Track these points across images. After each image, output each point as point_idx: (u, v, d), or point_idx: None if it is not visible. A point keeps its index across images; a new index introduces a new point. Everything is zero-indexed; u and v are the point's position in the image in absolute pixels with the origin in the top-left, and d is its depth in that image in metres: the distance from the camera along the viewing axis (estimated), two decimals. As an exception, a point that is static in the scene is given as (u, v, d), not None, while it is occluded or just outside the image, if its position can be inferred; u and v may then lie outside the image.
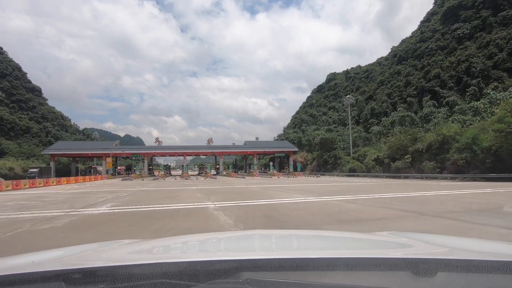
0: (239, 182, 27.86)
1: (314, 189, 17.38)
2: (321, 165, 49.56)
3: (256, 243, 1.56)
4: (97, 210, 8.96)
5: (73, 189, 21.29)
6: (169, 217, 7.44)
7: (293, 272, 0.85)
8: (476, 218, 6.42)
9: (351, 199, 10.96)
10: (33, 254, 1.29)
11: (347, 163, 43.16)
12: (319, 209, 8.46)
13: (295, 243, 1.57)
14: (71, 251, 1.41)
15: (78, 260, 1.21)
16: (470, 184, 20.12)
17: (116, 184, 27.17)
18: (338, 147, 49.49)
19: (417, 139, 31.19)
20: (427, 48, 74.18)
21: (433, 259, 0.94)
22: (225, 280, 0.80)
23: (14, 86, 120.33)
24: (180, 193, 15.21)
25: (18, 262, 1.18)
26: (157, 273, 0.82)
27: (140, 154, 52.79)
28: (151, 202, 10.99)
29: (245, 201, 10.75)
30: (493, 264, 0.82)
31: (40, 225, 6.54)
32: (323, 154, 48.60)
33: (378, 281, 0.82)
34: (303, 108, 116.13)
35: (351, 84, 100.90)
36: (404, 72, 77.43)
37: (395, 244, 1.43)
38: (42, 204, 11.04)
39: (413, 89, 69.46)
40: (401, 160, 31.38)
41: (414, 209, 8.01)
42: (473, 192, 13.63)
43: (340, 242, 1.53)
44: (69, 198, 13.71)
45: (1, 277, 0.81)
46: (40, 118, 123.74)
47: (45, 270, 0.87)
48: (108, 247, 1.50)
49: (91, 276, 0.81)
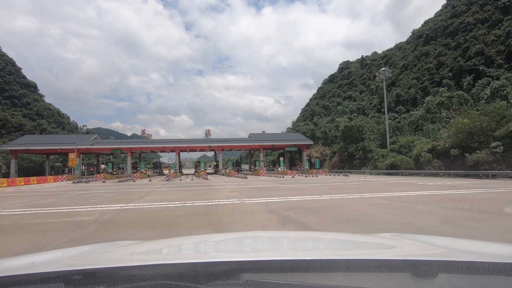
0: (231, 185, 17.50)
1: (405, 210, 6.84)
2: (345, 160, 38.71)
3: (256, 244, 1.52)
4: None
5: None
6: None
7: (293, 273, 0.83)
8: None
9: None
10: (33, 255, 1.29)
11: (381, 158, 32.25)
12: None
13: (296, 244, 1.53)
14: (71, 252, 1.39)
15: (78, 261, 1.19)
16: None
17: (62, 194, 16.95)
18: (367, 138, 38.49)
19: (505, 117, 20.19)
20: (462, 23, 62.31)
21: (434, 260, 0.91)
22: (225, 282, 0.79)
23: (7, 81, 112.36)
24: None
25: (17, 263, 1.15)
26: (157, 275, 0.80)
27: (121, 150, 42.85)
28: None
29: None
30: (494, 266, 0.80)
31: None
32: (348, 147, 37.76)
33: (379, 282, 0.80)
34: (313, 100, 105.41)
35: (367, 72, 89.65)
36: (433, 53, 65.79)
37: (395, 246, 1.38)
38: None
39: (447, 70, 57.93)
40: (481, 150, 20.39)
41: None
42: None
43: (340, 244, 1.49)
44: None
45: (0, 278, 0.80)
46: (35, 115, 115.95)
47: (44, 271, 0.86)
48: (108, 248, 1.48)
49: (91, 278, 0.80)
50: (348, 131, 37.78)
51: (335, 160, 41.59)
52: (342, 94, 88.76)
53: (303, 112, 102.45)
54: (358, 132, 37.49)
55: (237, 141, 47.83)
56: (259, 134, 53.49)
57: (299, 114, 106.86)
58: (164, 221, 6.24)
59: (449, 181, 17.84)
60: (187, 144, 44.78)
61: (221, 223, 5.92)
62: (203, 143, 46.05)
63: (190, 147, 45.43)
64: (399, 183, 17.43)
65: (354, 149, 36.55)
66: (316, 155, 47.91)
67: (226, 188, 15.53)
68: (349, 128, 37.67)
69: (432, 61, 63.85)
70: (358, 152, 36.06)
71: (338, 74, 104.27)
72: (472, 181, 16.81)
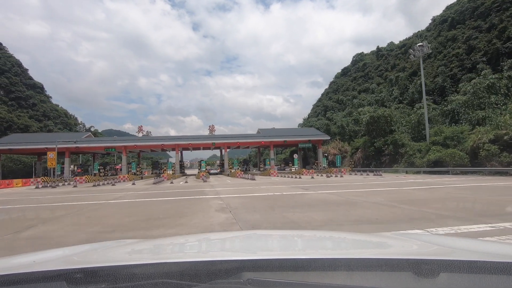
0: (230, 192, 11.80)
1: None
2: (371, 157, 32.64)
3: (257, 243, 1.49)
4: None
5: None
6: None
7: (294, 272, 0.82)
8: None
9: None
10: (35, 254, 1.25)
11: (418, 153, 26.19)
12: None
13: (297, 243, 1.49)
14: (73, 250, 1.38)
15: (80, 260, 1.17)
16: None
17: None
18: (397, 130, 32.30)
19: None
20: (495, 2, 55.02)
21: (435, 259, 0.89)
22: (227, 281, 0.78)
23: (13, 82, 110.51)
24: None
25: (19, 261, 1.14)
26: (158, 273, 0.80)
27: (116, 148, 37.97)
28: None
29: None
30: (496, 265, 0.79)
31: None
32: (374, 141, 31.71)
33: (380, 281, 0.79)
34: (325, 95, 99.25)
35: (384, 63, 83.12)
36: (462, 37, 58.68)
37: (397, 245, 1.35)
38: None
39: (481, 55, 50.91)
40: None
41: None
42: None
43: (342, 243, 1.46)
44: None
45: (3, 277, 0.79)
46: (41, 116, 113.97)
47: (46, 270, 0.85)
48: (109, 247, 1.46)
49: (92, 276, 0.79)
50: (374, 122, 31.67)
51: (357, 157, 35.52)
52: (357, 87, 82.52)
53: (315, 108, 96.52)
54: (387, 123, 31.35)
55: (244, 137, 42.28)
56: (269, 130, 47.83)
57: (310, 111, 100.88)
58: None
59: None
60: (189, 141, 39.50)
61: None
62: (207, 140, 40.73)
63: (192, 144, 40.17)
64: (485, 187, 11.58)
65: (383, 143, 30.43)
66: (334, 151, 41.92)
67: (219, 199, 10.00)
68: (376, 119, 31.55)
69: (461, 46, 56.82)
70: (388, 147, 29.95)
71: (351, 67, 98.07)
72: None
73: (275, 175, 29.56)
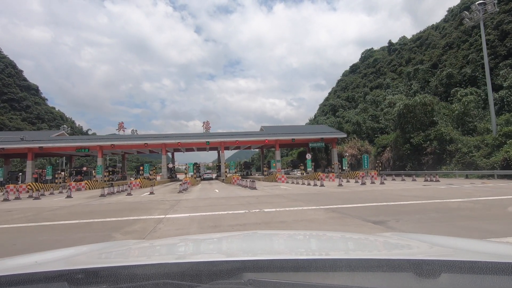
0: (204, 219, 4.77)
1: None
2: (405, 156, 25.28)
3: (258, 243, 1.47)
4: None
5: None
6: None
7: (295, 273, 0.82)
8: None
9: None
10: (36, 254, 1.24)
11: (474, 150, 18.94)
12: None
13: (298, 244, 1.48)
14: (74, 251, 1.37)
15: (81, 260, 1.18)
16: None
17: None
18: (439, 122, 24.93)
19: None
20: (528, -18, 47.73)
21: (437, 260, 0.87)
22: (228, 281, 0.78)
23: (6, 84, 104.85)
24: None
25: (21, 262, 1.13)
26: (159, 274, 0.80)
27: (89, 148, 31.16)
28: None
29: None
30: (497, 266, 0.78)
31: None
32: (410, 137, 24.45)
33: (381, 282, 0.78)
34: (333, 93, 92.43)
35: (398, 57, 76.14)
36: (491, 22, 51.42)
37: (398, 245, 1.34)
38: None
39: (519, 39, 43.55)
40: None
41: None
42: None
43: (343, 243, 1.45)
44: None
45: (4, 277, 0.79)
46: (35, 119, 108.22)
47: (48, 270, 0.84)
48: (110, 247, 1.46)
49: (93, 276, 0.79)
50: (409, 112, 24.41)
51: (385, 158, 28.19)
52: (368, 83, 75.58)
53: (322, 107, 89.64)
54: (426, 113, 24.06)
55: (244, 135, 35.20)
56: (273, 127, 40.64)
57: (317, 111, 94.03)
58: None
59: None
60: (177, 140, 32.41)
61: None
62: (199, 139, 33.71)
63: (182, 144, 33.12)
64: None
65: (423, 138, 23.14)
66: (352, 151, 34.64)
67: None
68: (411, 108, 24.28)
69: (491, 32, 49.72)
70: (430, 144, 22.65)
71: (360, 63, 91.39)
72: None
73: (283, 181, 22.41)
